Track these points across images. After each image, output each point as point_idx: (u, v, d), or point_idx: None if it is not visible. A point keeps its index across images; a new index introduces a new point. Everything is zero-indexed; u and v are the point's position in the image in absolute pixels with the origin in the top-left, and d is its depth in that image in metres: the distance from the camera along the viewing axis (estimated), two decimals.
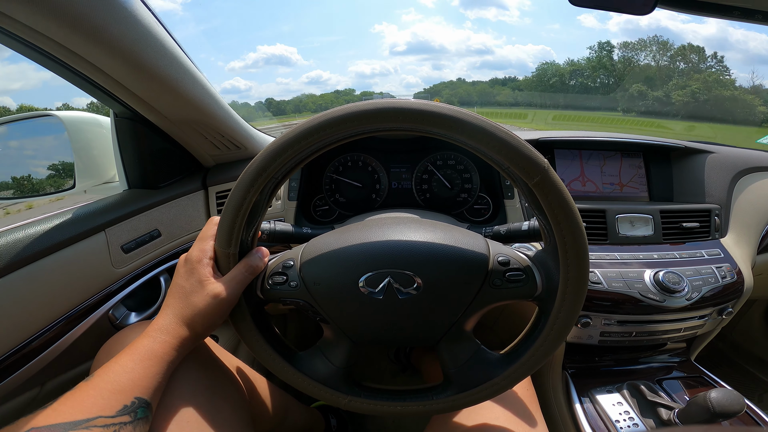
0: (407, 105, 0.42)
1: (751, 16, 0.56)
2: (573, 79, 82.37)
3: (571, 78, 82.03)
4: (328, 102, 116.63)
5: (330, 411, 1.09)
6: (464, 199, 0.97)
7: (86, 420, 0.37)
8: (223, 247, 0.49)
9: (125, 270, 0.74)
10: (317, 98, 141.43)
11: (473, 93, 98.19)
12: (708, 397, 0.61)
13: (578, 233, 0.45)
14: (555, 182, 0.43)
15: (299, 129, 0.43)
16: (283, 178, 0.49)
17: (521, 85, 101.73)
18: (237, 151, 0.93)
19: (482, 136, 0.42)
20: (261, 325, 0.54)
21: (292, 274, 0.52)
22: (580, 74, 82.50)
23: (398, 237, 0.50)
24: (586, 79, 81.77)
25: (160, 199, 0.81)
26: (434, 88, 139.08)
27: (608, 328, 0.82)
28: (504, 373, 0.51)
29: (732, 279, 0.83)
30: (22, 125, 0.90)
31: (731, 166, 1.02)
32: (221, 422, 0.51)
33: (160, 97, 0.70)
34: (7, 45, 0.54)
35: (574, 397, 0.81)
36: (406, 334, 0.53)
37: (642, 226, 0.89)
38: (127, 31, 0.56)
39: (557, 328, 0.48)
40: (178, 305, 0.49)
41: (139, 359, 0.44)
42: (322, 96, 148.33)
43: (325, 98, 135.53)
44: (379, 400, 0.54)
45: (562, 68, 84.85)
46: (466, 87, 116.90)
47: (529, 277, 0.50)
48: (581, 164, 1.04)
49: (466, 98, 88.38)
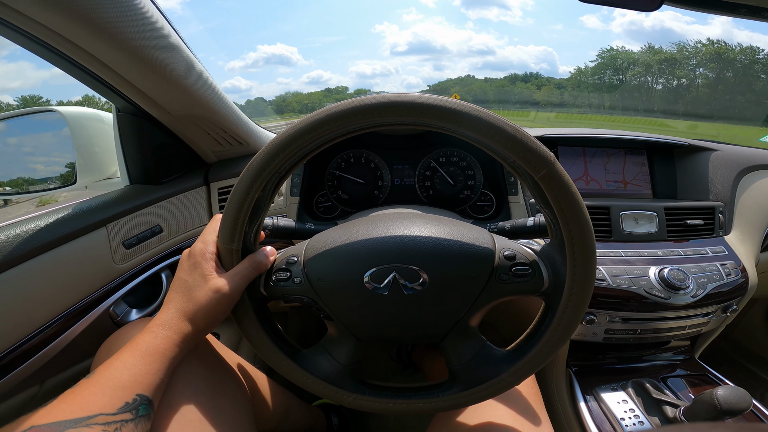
0: (412, 99, 0.42)
1: (757, 13, 0.55)
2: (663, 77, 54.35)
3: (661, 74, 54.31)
4: (315, 101, 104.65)
5: (332, 409, 1.09)
6: (467, 196, 0.97)
7: (87, 417, 0.37)
8: (225, 243, 0.49)
9: (126, 266, 0.73)
10: (303, 97, 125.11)
11: (489, 90, 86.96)
12: (715, 395, 0.60)
13: (585, 226, 0.44)
14: (561, 175, 0.43)
15: (303, 123, 0.43)
16: (286, 174, 0.48)
17: (542, 82, 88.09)
18: (239, 147, 0.93)
19: (488, 130, 0.42)
20: (264, 322, 0.53)
21: (296, 270, 0.51)
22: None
23: (403, 232, 0.50)
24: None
25: (162, 194, 0.81)
26: (440, 85, 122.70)
27: (613, 325, 0.81)
28: (510, 369, 0.50)
29: (736, 276, 0.83)
30: (24, 121, 0.89)
31: (735, 163, 1.01)
32: (223, 420, 0.51)
33: (163, 92, 0.69)
34: (11, 39, 0.54)
35: (578, 395, 0.81)
36: (411, 331, 0.53)
37: (646, 223, 0.89)
38: (131, 25, 0.56)
39: (564, 323, 0.47)
40: (180, 300, 0.49)
41: (141, 355, 0.44)
42: (309, 95, 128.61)
43: (313, 97, 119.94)
44: (384, 398, 0.54)
45: (638, 56, 56.37)
46: (479, 84, 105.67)
47: (535, 272, 0.49)
48: (585, 162, 1.04)
49: (482, 96, 76.89)
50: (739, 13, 0.55)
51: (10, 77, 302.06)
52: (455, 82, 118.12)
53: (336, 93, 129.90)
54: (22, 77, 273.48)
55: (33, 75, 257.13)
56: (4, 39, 0.53)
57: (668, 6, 0.57)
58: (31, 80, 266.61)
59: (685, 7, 0.58)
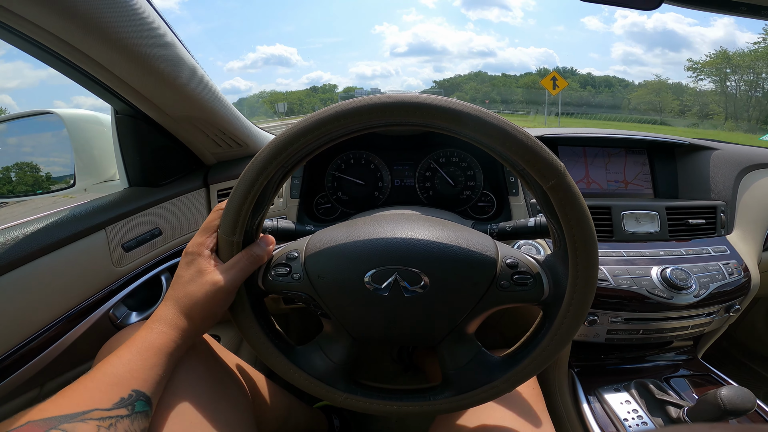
0: (421, 100, 0.41)
1: (757, 12, 0.55)
2: None
3: None
4: (295, 101, 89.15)
5: (333, 411, 1.08)
6: (468, 197, 0.96)
7: (82, 413, 0.37)
8: (227, 235, 0.48)
9: (126, 269, 0.73)
10: (280, 96, 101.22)
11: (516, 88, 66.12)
12: (719, 395, 0.60)
13: (590, 241, 0.44)
14: (570, 186, 0.42)
15: (314, 118, 0.43)
16: (292, 168, 0.48)
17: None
18: (239, 148, 0.92)
19: (499, 135, 0.41)
20: (260, 317, 0.53)
21: (296, 266, 0.51)
22: None
23: (407, 234, 0.49)
24: None
25: (162, 197, 0.81)
26: (449, 81, 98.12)
27: (615, 325, 0.81)
28: (504, 376, 0.51)
29: (739, 276, 0.83)
30: (22, 123, 0.89)
31: (736, 162, 1.01)
32: (223, 422, 0.51)
33: (162, 93, 0.69)
34: (9, 41, 0.53)
35: (581, 396, 0.80)
36: (408, 333, 0.53)
37: (648, 222, 0.88)
38: (129, 26, 0.56)
39: (560, 334, 0.47)
40: (177, 296, 0.48)
41: (137, 351, 0.44)
42: (287, 94, 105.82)
43: (291, 97, 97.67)
44: (375, 399, 0.54)
45: None
46: (499, 80, 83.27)
47: (536, 281, 0.49)
48: (585, 162, 1.04)
49: (509, 95, 59.32)
50: (739, 12, 0.55)
51: (8, 77, 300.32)
52: (467, 78, 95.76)
53: (322, 92, 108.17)
54: (21, 76, 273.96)
55: (31, 74, 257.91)
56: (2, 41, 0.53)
57: (668, 5, 0.56)
58: (29, 79, 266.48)
59: (685, 6, 0.58)
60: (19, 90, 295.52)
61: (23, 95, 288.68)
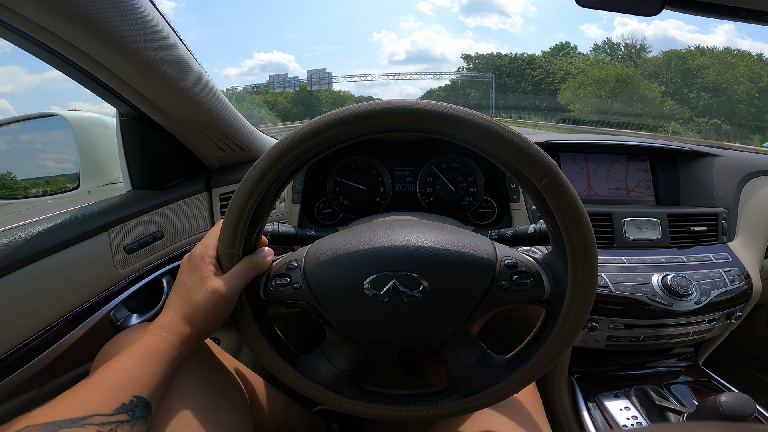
0: (413, 105, 0.42)
1: (758, 17, 0.56)
2: None
3: None
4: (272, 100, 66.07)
5: (332, 416, 1.08)
6: (469, 203, 0.96)
7: (82, 418, 0.37)
8: (226, 248, 0.49)
9: (128, 271, 0.73)
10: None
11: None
12: (718, 401, 0.60)
13: (587, 235, 0.44)
14: (564, 184, 0.43)
15: (304, 129, 0.43)
16: (288, 179, 0.48)
17: None
18: (241, 153, 0.93)
19: (490, 137, 0.42)
20: (263, 327, 0.53)
21: (296, 275, 0.51)
22: None
23: (404, 239, 0.50)
24: None
25: (164, 200, 0.81)
26: (444, 91, 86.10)
27: (615, 332, 0.81)
28: (510, 377, 0.50)
29: (740, 283, 0.82)
30: (27, 125, 0.90)
31: (738, 169, 1.01)
32: (222, 426, 0.51)
33: (166, 97, 0.70)
34: (14, 42, 0.54)
35: (580, 403, 0.80)
36: (411, 338, 0.53)
37: (649, 229, 0.88)
38: (134, 29, 0.56)
39: (565, 332, 0.47)
40: (179, 302, 0.49)
41: (139, 357, 0.44)
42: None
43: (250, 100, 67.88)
44: (382, 404, 0.54)
45: None
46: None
47: (536, 280, 0.49)
48: (587, 169, 1.04)
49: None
50: (740, 17, 0.56)
51: (1, 81, 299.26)
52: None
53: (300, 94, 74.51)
54: (14, 81, 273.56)
55: (25, 79, 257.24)
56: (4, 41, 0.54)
57: (669, 10, 0.57)
58: (23, 84, 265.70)
59: (685, 12, 0.58)
60: (14, 94, 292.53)
61: (19, 100, 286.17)
